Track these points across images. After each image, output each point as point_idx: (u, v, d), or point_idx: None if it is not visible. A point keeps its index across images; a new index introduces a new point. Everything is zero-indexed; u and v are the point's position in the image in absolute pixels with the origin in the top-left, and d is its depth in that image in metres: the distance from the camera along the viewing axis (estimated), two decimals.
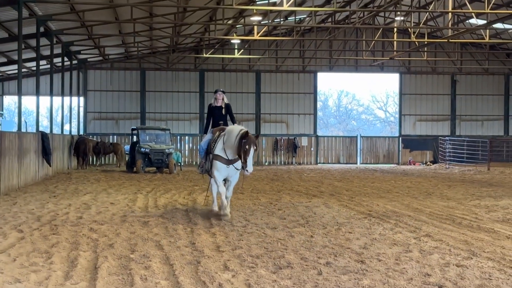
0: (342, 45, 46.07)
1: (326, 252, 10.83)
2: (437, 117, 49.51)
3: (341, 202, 19.35)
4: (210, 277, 8.88)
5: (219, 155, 14.26)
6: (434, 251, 11.03)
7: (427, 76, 49.30)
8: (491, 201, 19.90)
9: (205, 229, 13.45)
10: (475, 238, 12.46)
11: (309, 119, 48.63)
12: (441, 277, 9.02)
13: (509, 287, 8.44)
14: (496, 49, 48.06)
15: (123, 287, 8.32)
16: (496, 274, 9.24)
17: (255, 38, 35.94)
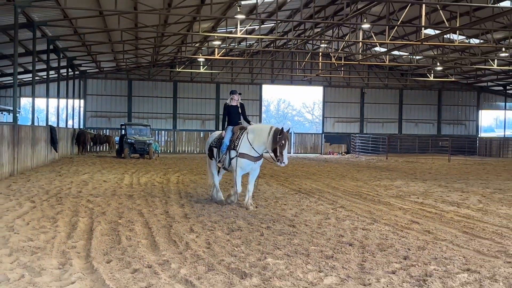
0: (281, 64, 46.33)
1: (267, 219, 10.86)
2: (350, 119, 50.09)
3: (279, 182, 19.43)
4: (180, 237, 8.83)
5: (246, 153, 12.05)
6: (346, 219, 11.16)
7: (343, 89, 49.80)
8: (388, 181, 20.24)
9: (176, 201, 13.35)
10: (376, 209, 12.66)
11: (256, 119, 48.51)
12: (351, 238, 9.14)
13: (400, 245, 8.60)
14: (393, 70, 48.88)
15: (113, 244, 8.20)
16: (391, 236, 9.40)
17: (216, 58, 35.81)
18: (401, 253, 7.99)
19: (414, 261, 7.51)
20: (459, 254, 8.00)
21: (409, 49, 36.82)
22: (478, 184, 19.64)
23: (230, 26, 31.60)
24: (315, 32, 30.93)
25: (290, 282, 6.36)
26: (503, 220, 11.31)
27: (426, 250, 8.24)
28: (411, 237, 9.23)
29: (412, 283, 6.39)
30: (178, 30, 30.62)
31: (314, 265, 7.14)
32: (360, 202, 13.94)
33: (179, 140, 46.78)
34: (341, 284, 6.32)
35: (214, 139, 13.15)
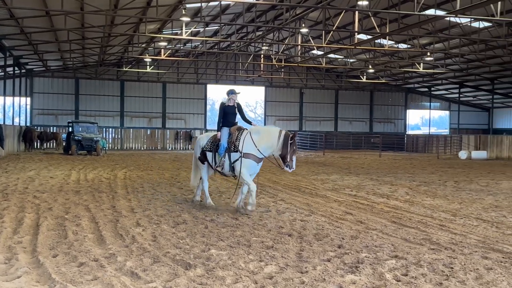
0: (225, 65, 46.29)
1: (211, 212, 10.83)
2: (290, 118, 50.61)
3: (223, 177, 19.35)
4: (126, 231, 8.67)
5: (252, 153, 10.73)
6: (286, 211, 11.27)
7: (283, 89, 50.26)
8: (325, 176, 20.60)
9: (123, 196, 13.09)
10: (314, 202, 12.85)
11: (201, 118, 48.44)
12: (290, 228, 9.25)
13: (335, 234, 8.77)
14: (329, 72, 49.76)
15: (59, 239, 7.96)
16: (327, 226, 9.58)
17: (162, 58, 35.33)
18: (336, 242, 8.14)
19: (347, 249, 7.67)
20: (388, 242, 8.24)
21: (343, 52, 37.59)
22: (405, 177, 20.28)
23: (175, 28, 31.25)
24: (257, 35, 31.07)
25: (232, 271, 6.37)
26: (427, 211, 11.73)
27: (358, 239, 8.44)
28: (345, 227, 9.43)
29: (345, 270, 6.53)
30: (124, 30, 30.01)
31: (255, 255, 7.18)
32: (299, 195, 14.10)
33: (127, 137, 45.88)
34: (280, 272, 6.38)
35: (208, 141, 11.47)
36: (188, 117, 47.82)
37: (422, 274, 6.38)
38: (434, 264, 6.86)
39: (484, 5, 18.77)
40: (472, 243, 8.22)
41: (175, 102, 47.34)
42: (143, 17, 25.65)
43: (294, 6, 23.25)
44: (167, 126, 46.93)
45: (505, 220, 10.53)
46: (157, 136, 46.61)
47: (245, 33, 36.21)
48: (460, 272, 6.51)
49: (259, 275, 6.24)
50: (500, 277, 6.30)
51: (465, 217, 10.81)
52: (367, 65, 40.84)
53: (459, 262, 6.97)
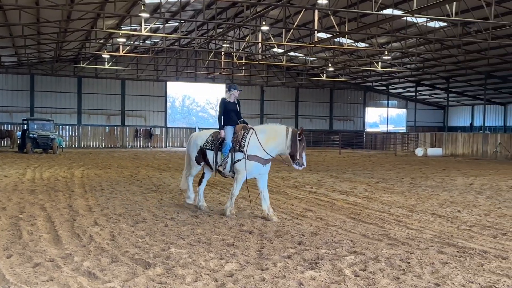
0: (185, 62, 45.95)
1: (171, 211, 10.74)
2: (251, 115, 50.48)
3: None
4: (83, 230, 8.49)
5: (256, 155, 9.95)
6: (247, 208, 11.27)
7: (244, 86, 50.16)
8: (285, 173, 20.66)
9: (80, 195, 12.82)
10: (275, 199, 12.86)
11: (161, 115, 47.93)
12: (251, 226, 9.25)
13: (295, 231, 8.81)
14: (290, 70, 50.08)
15: (13, 239, 7.72)
16: (287, 223, 9.62)
17: (121, 54, 34.76)
18: (296, 239, 8.20)
19: (307, 245, 7.74)
20: (347, 238, 8.35)
21: (304, 50, 37.86)
22: (364, 174, 20.61)
23: (134, 24, 30.80)
24: (218, 32, 30.95)
25: (192, 270, 6.33)
26: (385, 207, 11.94)
27: (318, 235, 8.52)
28: (305, 224, 9.50)
29: (305, 266, 6.58)
30: (81, 26, 29.37)
31: (216, 253, 7.15)
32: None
33: (84, 135, 44.97)
34: (241, 270, 6.37)
35: (207, 140, 10.63)
36: (148, 114, 47.26)
37: (380, 269, 6.49)
38: (391, 259, 6.99)
39: (439, 5, 19.24)
40: (428, 238, 8.42)
41: (135, 99, 46.69)
42: (100, 12, 25.18)
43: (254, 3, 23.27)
44: (127, 123, 46.25)
45: (459, 215, 10.83)
46: (116, 134, 45.88)
47: (206, 30, 36.03)
48: (417, 266, 6.65)
49: (220, 273, 6.22)
50: (455, 271, 6.47)
51: (422, 213, 11.06)
52: (327, 63, 41.30)
53: (415, 257, 7.12)
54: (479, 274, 6.35)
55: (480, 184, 17.19)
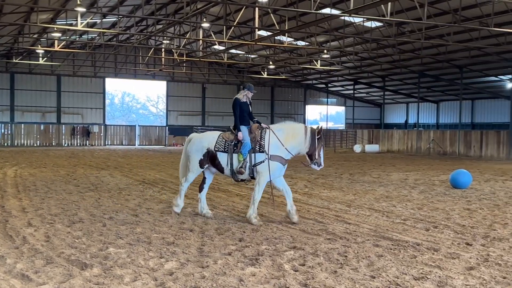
0: (124, 58, 45.03)
1: (109, 210, 10.51)
2: (193, 113, 50.38)
3: (123, 173, 18.89)
4: (16, 232, 8.17)
5: (278, 155, 9.49)
6: (188, 206, 11.18)
7: (186, 83, 49.89)
8: None
9: (13, 195, 12.31)
10: (216, 196, 12.88)
11: (100, 112, 46.72)
12: (192, 224, 9.20)
13: (236, 228, 8.84)
14: (231, 67, 50.10)
15: None
16: (229, 220, 9.64)
17: (56, 50, 33.57)
18: (237, 236, 8.23)
19: (248, 242, 7.78)
20: (287, 234, 8.46)
21: (245, 48, 38.00)
22: (304, 171, 20.91)
23: (70, 19, 29.86)
24: (157, 28, 30.50)
25: (131, 269, 6.23)
26: (324, 202, 12.19)
27: (259, 232, 8.59)
28: (246, 221, 9.54)
29: (246, 262, 6.62)
30: (14, 20, 28.15)
31: (156, 252, 7.07)
32: None
33: (18, 133, 43.15)
34: (181, 268, 6.33)
35: (217, 141, 9.86)
36: (85, 111, 45.95)
37: (318, 264, 6.62)
38: (329, 253, 7.14)
39: (375, 6, 19.78)
40: (364, 232, 8.66)
41: (71, 96, 45.27)
42: (34, 6, 24.24)
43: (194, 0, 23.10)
44: (63, 121, 44.78)
45: (394, 209, 11.21)
46: (52, 132, 44.34)
47: (145, 26, 35.44)
48: (354, 260, 6.83)
49: (159, 272, 6.16)
50: (389, 263, 6.69)
51: (359, 208, 11.36)
52: (267, 61, 41.59)
53: (352, 251, 7.31)
54: (412, 266, 6.59)
55: (414, 179, 17.85)
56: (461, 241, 8.04)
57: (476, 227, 9.20)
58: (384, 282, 5.88)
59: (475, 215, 10.56)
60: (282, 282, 5.84)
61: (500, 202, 12.41)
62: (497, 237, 8.34)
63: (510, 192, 14.43)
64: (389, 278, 6.02)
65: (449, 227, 9.17)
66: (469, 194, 13.85)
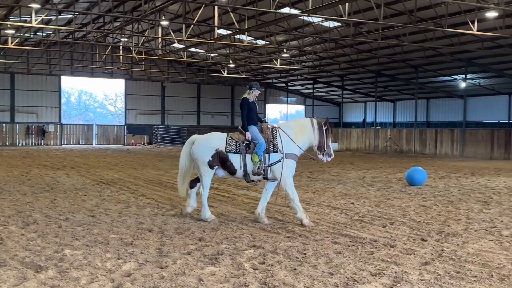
0: (81, 56, 44.11)
1: (65, 211, 10.28)
2: (152, 111, 49.79)
3: (80, 173, 18.51)
4: None
5: (293, 153, 9.47)
6: (147, 206, 11.08)
7: (144, 82, 49.28)
8: None
9: None
10: (176, 196, 12.75)
11: (55, 111, 45.62)
12: (151, 224, 9.10)
13: (196, 227, 8.78)
14: (191, 66, 49.80)
15: None
16: (188, 220, 9.56)
17: (9, 47, 32.58)
18: (197, 235, 8.18)
19: (208, 241, 7.75)
20: (247, 232, 8.47)
21: (204, 47, 37.84)
22: None
23: (24, 15, 29.02)
24: (115, 26, 30.01)
25: (88, 271, 6.10)
26: (284, 201, 12.24)
27: (219, 231, 8.56)
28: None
29: (206, 262, 6.59)
30: None
31: (113, 253, 6.95)
32: (161, 190, 13.94)
33: None
34: (139, 269, 6.24)
35: (228, 142, 9.47)
36: (40, 110, 44.79)
37: (278, 262, 6.65)
38: (289, 251, 7.19)
39: (333, 6, 20.04)
40: (323, 230, 8.76)
41: (26, 95, 44.04)
42: None
43: None
44: (17, 120, 43.53)
45: (352, 207, 11.38)
46: (5, 131, 43.02)
47: (102, 23, 34.81)
48: (313, 257, 6.90)
49: (117, 273, 6.06)
50: (347, 260, 6.79)
51: (318, 205, 11.49)
52: (227, 60, 41.53)
53: (311, 248, 7.38)
54: (370, 262, 6.71)
55: (371, 177, 18.18)
56: (416, 237, 8.23)
57: (431, 223, 9.44)
58: (342, 279, 5.96)
59: (430, 211, 10.83)
60: (241, 281, 5.84)
61: (454, 199, 12.78)
62: (451, 233, 8.59)
63: (464, 189, 14.89)
64: (347, 275, 6.11)
65: (405, 224, 9.37)
66: (424, 191, 14.20)
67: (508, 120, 42.17)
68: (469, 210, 10.99)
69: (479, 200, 12.62)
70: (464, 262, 6.74)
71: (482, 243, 7.86)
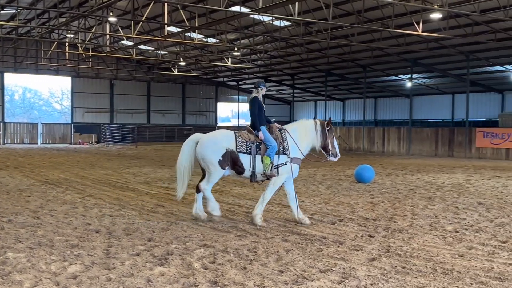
0: (25, 52, 42.62)
1: (8, 212, 9.92)
2: (100, 110, 48.72)
3: (24, 173, 17.91)
4: None
5: (298, 157, 9.40)
6: (94, 207, 10.84)
7: (92, 79, 48.17)
8: (137, 169, 20.29)
9: None
10: (125, 196, 12.57)
11: None
12: (98, 225, 8.91)
13: (145, 228, 8.66)
14: (141, 63, 49.01)
15: None
16: (137, 220, 9.41)
17: None
18: (146, 236, 8.06)
19: (157, 242, 7.65)
20: (198, 232, 8.42)
21: (154, 44, 37.32)
22: None
23: None
24: (60, 21, 29.16)
25: (31, 274, 5.91)
26: (235, 199, 12.27)
27: (169, 230, 8.47)
28: (156, 220, 9.38)
29: (155, 263, 6.50)
30: None
31: (59, 255, 6.76)
32: (109, 190, 13.67)
33: None
34: (86, 271, 6.10)
35: (238, 142, 9.20)
36: None
37: (228, 260, 6.64)
38: (239, 250, 7.19)
39: (283, 5, 20.19)
40: (274, 228, 8.82)
41: None
42: None
43: None
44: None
45: (303, 204, 11.50)
46: None
47: (47, 19, 33.74)
48: (263, 255, 6.93)
49: (62, 276, 5.89)
50: (297, 257, 6.85)
51: (269, 204, 11.49)
52: (178, 57, 41.14)
53: (262, 246, 7.41)
54: (319, 259, 6.80)
55: (322, 175, 18.44)
56: (364, 234, 8.41)
57: (378, 220, 9.66)
58: (291, 276, 6.01)
59: (377, 208, 11.09)
60: (191, 281, 5.79)
61: (400, 195, 13.13)
62: (397, 229, 8.82)
63: (409, 186, 15.32)
64: (296, 272, 6.17)
65: (354, 220, 9.56)
66: (372, 188, 14.53)
67: (451, 119, 43.73)
68: (415, 207, 11.32)
69: (424, 196, 13.02)
70: (410, 257, 6.94)
71: (427, 238, 8.11)
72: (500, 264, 6.61)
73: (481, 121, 40.70)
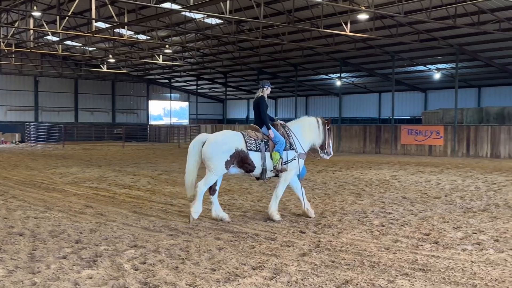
0: None
1: None
2: (24, 108, 46.71)
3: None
4: None
5: (303, 153, 9.63)
6: (18, 209, 10.39)
7: (15, 76, 46.07)
8: (64, 169, 19.61)
9: None
10: (50, 197, 12.13)
11: None
12: (22, 227, 8.54)
13: (72, 229, 8.40)
14: (68, 60, 47.35)
15: None
16: (64, 222, 9.13)
17: None
18: (73, 238, 7.81)
19: (85, 243, 7.43)
20: (128, 232, 8.25)
21: (82, 40, 36.20)
22: (148, 167, 20.61)
23: None
24: None
25: None
26: (167, 198, 12.13)
27: (98, 232, 8.25)
28: (84, 221, 9.12)
29: (82, 265, 6.31)
30: None
31: None
32: (34, 191, 13.14)
33: None
34: (9, 276, 5.82)
35: (247, 140, 9.23)
36: None
37: (159, 261, 6.55)
38: (171, 250, 7.11)
39: (214, 3, 20.14)
40: (206, 226, 8.79)
41: None
42: None
43: None
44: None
45: (236, 202, 11.55)
46: None
47: None
48: (195, 254, 6.89)
49: None
50: (230, 255, 6.87)
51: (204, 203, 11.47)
52: (107, 54, 40.10)
53: (194, 245, 7.37)
54: (251, 256, 6.85)
55: None
56: (295, 230, 8.55)
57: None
58: (224, 274, 6.02)
59: None
60: (121, 283, 5.67)
61: (330, 191, 13.46)
62: (327, 224, 9.03)
63: (339, 182, 15.73)
64: (229, 270, 6.18)
65: (285, 217, 9.70)
66: (304, 185, 14.76)
67: (378, 117, 45.31)
68: (344, 202, 11.64)
69: (353, 192, 13.41)
70: (339, 251, 7.13)
71: (355, 233, 8.36)
72: (424, 256, 6.92)
73: (406, 119, 42.47)
